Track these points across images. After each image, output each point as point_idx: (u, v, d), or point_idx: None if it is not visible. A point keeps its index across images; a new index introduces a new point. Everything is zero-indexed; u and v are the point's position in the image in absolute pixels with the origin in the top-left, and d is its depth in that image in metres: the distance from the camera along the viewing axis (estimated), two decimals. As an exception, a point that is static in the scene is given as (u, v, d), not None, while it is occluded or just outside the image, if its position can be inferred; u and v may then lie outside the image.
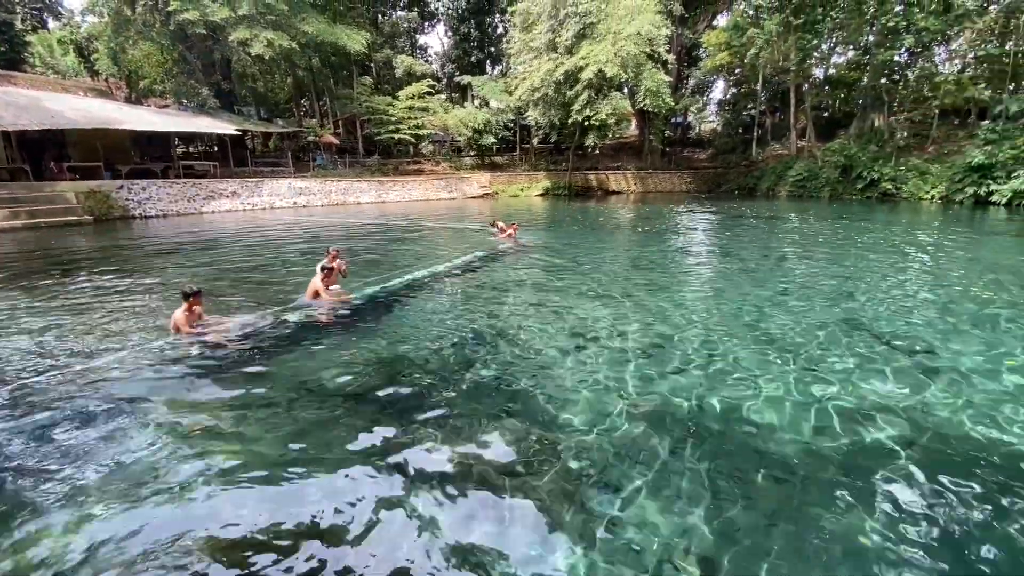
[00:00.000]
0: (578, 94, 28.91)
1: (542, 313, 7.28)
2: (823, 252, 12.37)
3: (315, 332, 6.48)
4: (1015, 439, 3.87)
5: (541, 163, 40.77)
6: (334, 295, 7.76)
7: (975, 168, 23.09)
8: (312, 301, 7.43)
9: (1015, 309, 7.14)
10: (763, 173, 33.68)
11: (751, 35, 30.15)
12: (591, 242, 14.32)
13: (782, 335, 6.18)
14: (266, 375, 5.13)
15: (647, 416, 4.27)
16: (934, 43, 28.64)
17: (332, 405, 4.49)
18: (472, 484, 3.40)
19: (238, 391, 4.76)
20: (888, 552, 2.80)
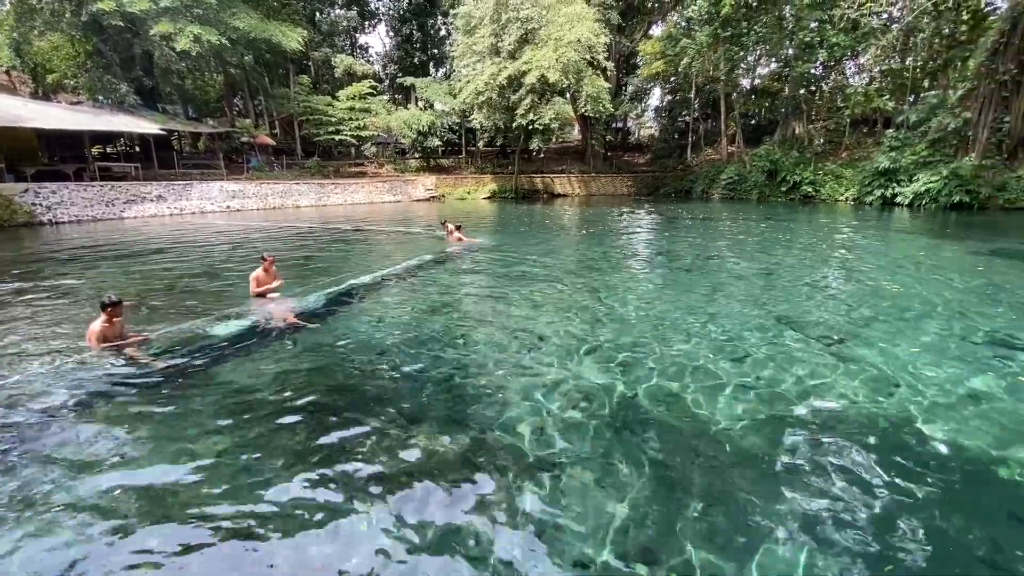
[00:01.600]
0: (522, 98, 29.24)
1: (488, 314, 7.33)
2: (751, 251, 13.17)
3: (250, 341, 6.19)
4: (922, 417, 4.29)
5: (487, 166, 40.89)
6: (274, 299, 7.45)
7: (882, 172, 25.36)
8: (249, 307, 7.09)
9: (920, 300, 7.91)
10: (697, 177, 35.40)
11: (684, 45, 31.68)
12: (538, 244, 14.53)
13: (714, 328, 6.54)
14: (195, 388, 4.85)
15: (591, 411, 4.39)
16: (845, 58, 31.25)
17: (270, 416, 4.31)
18: (418, 487, 3.38)
19: (164, 407, 4.48)
20: (810, 527, 3.04)
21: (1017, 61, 22.38)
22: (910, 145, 25.46)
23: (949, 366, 5.31)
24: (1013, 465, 3.61)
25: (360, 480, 3.46)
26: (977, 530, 3.01)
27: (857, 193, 26.66)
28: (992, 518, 3.14)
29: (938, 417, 4.27)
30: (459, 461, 3.68)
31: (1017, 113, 22.95)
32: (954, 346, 5.89)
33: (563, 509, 3.18)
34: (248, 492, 3.33)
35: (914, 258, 11.70)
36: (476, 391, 4.81)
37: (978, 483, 3.48)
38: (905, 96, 30.20)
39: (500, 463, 3.66)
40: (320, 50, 42.30)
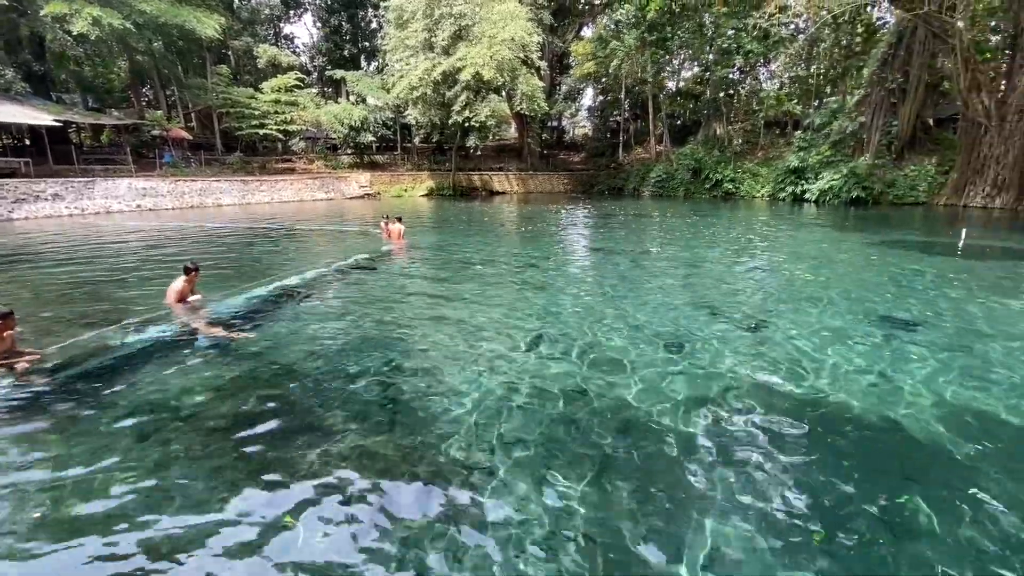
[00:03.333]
0: (457, 95, 29.05)
1: (428, 314, 7.24)
2: (680, 245, 13.88)
3: (166, 351, 5.75)
4: (830, 391, 4.72)
5: (424, 163, 40.28)
6: (195, 305, 6.96)
7: (792, 171, 27.54)
8: (164, 315, 6.58)
9: (824, 287, 8.67)
10: (629, 175, 36.78)
11: (613, 47, 32.75)
12: (478, 241, 14.52)
13: (649, 319, 6.84)
14: (101, 406, 4.45)
15: (532, 406, 4.47)
16: (758, 64, 33.62)
17: (189, 432, 4.04)
18: (354, 495, 3.30)
19: (65, 429, 4.07)
20: (739, 501, 3.27)
21: (903, 71, 25.04)
22: (815, 146, 27.83)
23: (850, 344, 5.88)
24: (906, 431, 4.06)
25: (292, 492, 3.32)
26: (878, 491, 3.36)
27: (772, 190, 28.77)
28: (890, 478, 3.51)
29: (842, 390, 4.72)
30: (398, 465, 3.63)
31: (904, 117, 25.70)
32: (854, 326, 6.52)
33: (505, 505, 3.22)
34: (169, 516, 3.10)
35: (820, 249, 12.81)
36: (415, 392, 4.75)
37: (878, 448, 3.88)
38: (811, 101, 32.94)
39: (440, 463, 3.64)
40: (241, 39, 39.84)
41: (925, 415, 4.30)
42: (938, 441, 3.94)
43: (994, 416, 4.29)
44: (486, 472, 3.53)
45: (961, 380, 4.94)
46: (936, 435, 4.01)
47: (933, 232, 16.19)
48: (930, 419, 4.24)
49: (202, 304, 7.21)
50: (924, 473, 3.61)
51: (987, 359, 5.48)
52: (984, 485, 3.41)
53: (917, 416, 4.28)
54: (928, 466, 3.69)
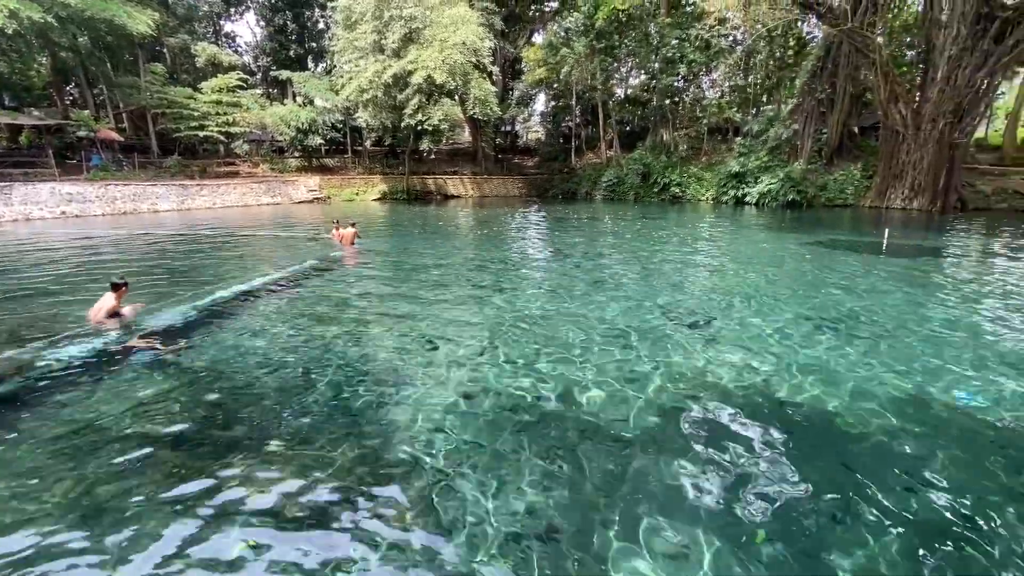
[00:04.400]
0: (409, 98, 28.74)
1: (381, 320, 7.13)
2: (631, 247, 14.30)
3: (98, 369, 5.38)
4: (774, 384, 4.99)
5: (376, 166, 39.55)
6: (127, 320, 6.55)
7: (734, 175, 28.95)
8: (92, 329, 6.16)
9: (765, 285, 9.17)
10: (581, 179, 37.54)
11: (563, 54, 33.40)
12: (433, 245, 14.40)
13: (603, 321, 7.01)
14: (28, 427, 4.12)
15: (489, 412, 4.49)
16: (701, 73, 35.16)
17: (126, 452, 3.80)
18: (312, 514, 3.21)
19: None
20: (706, 502, 3.41)
21: (831, 82, 26.88)
22: (754, 152, 29.39)
23: (789, 338, 6.25)
24: (844, 420, 4.36)
25: (241, 512, 3.19)
26: (821, 477, 3.59)
27: (715, 193, 30.13)
28: (830, 466, 3.76)
29: (783, 382, 5.01)
30: (352, 474, 3.56)
31: (832, 126, 27.58)
32: (792, 322, 6.93)
33: (462, 509, 3.22)
34: (105, 545, 2.91)
35: (761, 249, 13.53)
36: (367, 400, 4.66)
37: (819, 437, 4.15)
38: (749, 109, 34.76)
39: (395, 471, 3.60)
40: (177, 36, 37.88)
41: (858, 403, 4.63)
42: (871, 427, 4.25)
43: (919, 400, 4.68)
44: (443, 477, 3.52)
45: (889, 368, 5.36)
46: (869, 422, 4.33)
47: (860, 232, 17.43)
48: (862, 406, 4.57)
49: (136, 318, 6.80)
50: (858, 458, 3.88)
51: (911, 347, 5.97)
52: (913, 466, 3.72)
53: (850, 404, 4.61)
54: (863, 452, 3.97)
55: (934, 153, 22.78)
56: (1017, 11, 20.40)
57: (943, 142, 22.56)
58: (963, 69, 21.46)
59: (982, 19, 20.94)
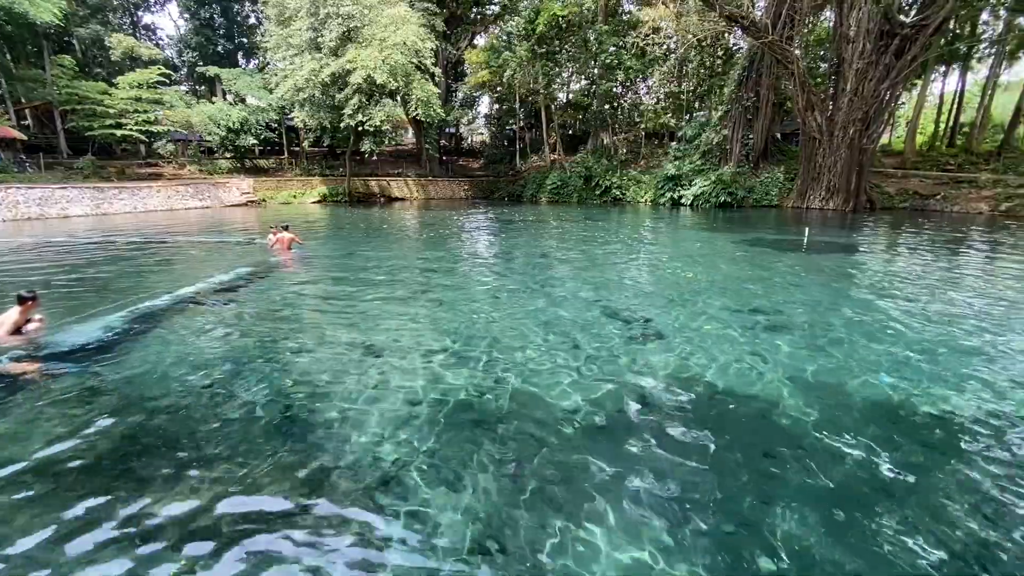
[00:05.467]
0: (348, 98, 27.93)
1: (323, 328, 6.87)
2: (575, 248, 14.60)
3: (8, 388, 4.86)
4: (710, 377, 5.23)
5: (315, 168, 38.12)
6: (35, 337, 5.95)
7: (670, 178, 30.22)
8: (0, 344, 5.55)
9: (701, 282, 9.62)
10: (527, 182, 37.91)
11: (506, 58, 33.63)
12: (377, 249, 14.05)
13: (549, 321, 7.10)
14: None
15: (439, 417, 4.42)
16: (638, 79, 36.44)
17: (40, 484, 3.45)
18: (252, 530, 3.03)
19: None
20: (644, 493, 3.50)
21: (755, 91, 28.64)
22: (688, 156, 30.83)
23: (722, 332, 6.59)
24: (770, 407, 4.64)
25: (170, 538, 2.97)
26: (743, 464, 3.79)
27: (653, 196, 31.33)
28: (753, 454, 3.98)
29: (720, 375, 5.27)
30: (295, 491, 3.40)
31: (757, 132, 29.39)
32: (724, 316, 7.31)
33: (416, 523, 3.15)
34: None
35: (695, 248, 14.20)
36: (310, 413, 4.48)
37: (745, 427, 4.39)
38: (683, 115, 36.38)
39: (346, 488, 3.47)
40: (88, 26, 34.93)
41: (785, 392, 4.95)
42: (798, 414, 4.55)
43: (839, 386, 5.05)
44: (389, 485, 3.44)
45: (811, 357, 5.76)
46: (795, 409, 4.63)
47: (784, 231, 18.67)
48: (789, 395, 4.88)
49: (44, 334, 6.19)
50: (788, 442, 4.14)
51: (831, 337, 6.45)
52: (835, 449, 4.01)
53: (778, 393, 4.91)
54: (791, 436, 4.24)
55: (846, 158, 24.80)
56: (914, 29, 22.60)
57: (854, 148, 24.61)
58: (869, 81, 23.51)
59: (884, 36, 23.05)
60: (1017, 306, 7.99)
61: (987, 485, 3.53)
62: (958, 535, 3.05)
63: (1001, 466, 3.76)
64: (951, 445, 4.09)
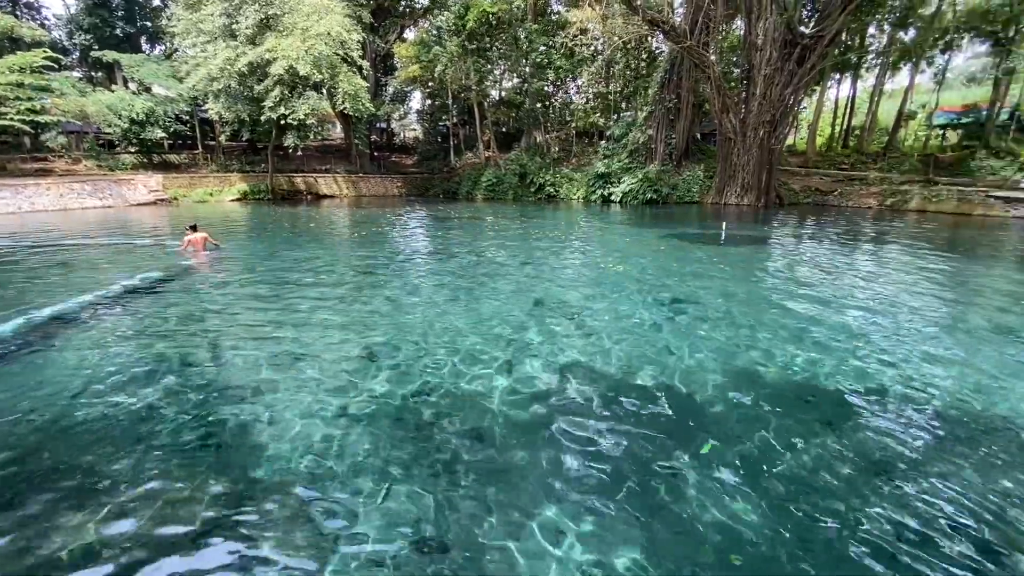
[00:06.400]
0: (269, 89, 26.40)
1: (243, 336, 6.48)
2: (511, 245, 14.72)
3: None
4: (635, 366, 5.46)
5: (234, 163, 35.73)
6: None
7: (600, 176, 31.19)
8: None
9: (627, 276, 10.01)
10: (462, 179, 37.69)
11: (436, 53, 33.17)
12: (305, 249, 13.41)
13: (485, 318, 7.12)
14: None
15: (370, 421, 4.31)
16: (568, 79, 37.25)
17: None
18: (177, 552, 2.81)
19: None
20: (577, 490, 3.59)
21: (676, 93, 30.16)
22: (617, 154, 31.96)
23: (651, 323, 6.91)
24: (697, 397, 4.92)
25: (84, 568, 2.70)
26: (677, 443, 4.01)
27: (585, 193, 32.21)
28: (682, 435, 4.22)
29: (647, 365, 5.53)
30: (220, 511, 3.19)
31: (679, 132, 30.99)
32: (651, 307, 7.67)
33: (348, 529, 3.06)
34: None
35: (624, 243, 14.77)
36: (230, 428, 4.22)
37: (672, 407, 4.64)
38: (611, 114, 37.63)
39: (272, 502, 3.31)
40: (-49, -1, 30.55)
41: (704, 375, 5.27)
42: (715, 399, 4.86)
43: (751, 368, 5.46)
44: (321, 496, 3.32)
45: (728, 345, 6.18)
46: (713, 394, 4.94)
47: (704, 226, 19.85)
48: (705, 381, 5.21)
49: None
50: (706, 427, 4.42)
51: (745, 325, 6.94)
52: (748, 433, 4.32)
53: (696, 380, 5.23)
54: (708, 421, 4.53)
55: (758, 157, 26.74)
56: (812, 40, 24.72)
57: (764, 148, 26.57)
58: (775, 86, 25.46)
59: (787, 45, 25.03)
60: (900, 289, 9.01)
61: (875, 452, 3.97)
62: (851, 496, 3.40)
63: (887, 435, 4.23)
64: (848, 417, 4.54)
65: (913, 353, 5.94)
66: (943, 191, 25.50)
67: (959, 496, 3.39)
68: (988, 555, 2.90)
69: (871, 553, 2.90)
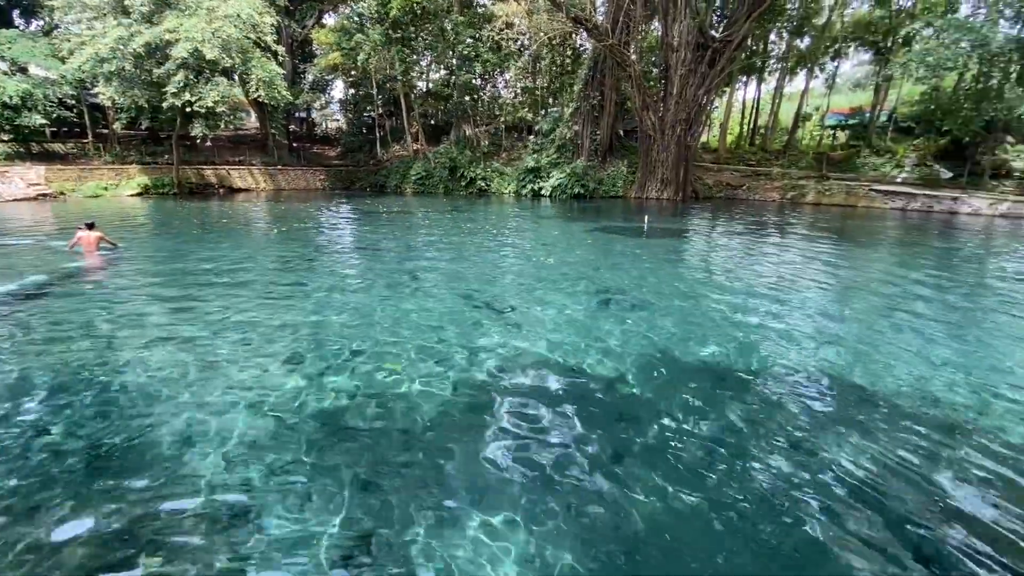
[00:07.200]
0: (171, 73, 24.19)
1: (146, 344, 5.95)
2: (444, 239, 14.57)
3: None
4: (568, 356, 5.61)
5: (132, 154, 32.47)
6: None
7: (530, 170, 31.60)
8: None
9: (559, 268, 10.26)
10: (390, 172, 36.71)
11: (358, 40, 31.94)
12: (216, 248, 12.48)
13: (418, 314, 7.01)
14: None
15: (290, 431, 4.13)
16: (496, 72, 37.28)
17: None
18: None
19: None
20: (515, 475, 3.64)
21: (600, 90, 31.11)
22: (545, 149, 32.50)
23: (580, 314, 7.14)
24: (624, 383, 5.15)
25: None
26: (602, 431, 4.18)
27: (516, 187, 32.51)
28: (612, 422, 4.41)
29: (577, 354, 5.70)
30: (130, 537, 2.93)
31: (603, 128, 32.03)
32: (581, 299, 7.92)
33: (271, 546, 2.92)
34: None
35: (554, 237, 15.10)
36: (136, 447, 3.88)
37: (602, 397, 4.82)
38: (539, 109, 38.18)
39: (188, 523, 3.08)
40: None
41: (629, 365, 5.54)
42: (642, 385, 5.12)
43: (672, 353, 5.79)
44: (242, 512, 3.15)
45: (652, 332, 6.51)
46: (640, 381, 5.20)
47: (628, 219, 20.74)
48: (631, 369, 5.48)
49: None
50: (633, 413, 4.64)
51: (669, 314, 7.35)
52: (674, 414, 4.60)
53: (623, 368, 5.48)
54: (637, 407, 4.76)
55: (675, 154, 28.26)
56: (722, 43, 26.41)
57: (681, 145, 28.12)
58: (690, 86, 26.99)
59: (700, 47, 26.59)
60: (799, 275, 9.93)
61: (779, 422, 4.37)
62: (773, 468, 3.74)
63: (789, 407, 4.68)
64: (763, 396, 4.96)
65: (809, 332, 6.60)
66: (834, 186, 28.35)
67: (847, 458, 3.83)
68: (868, 505, 3.31)
69: (781, 514, 3.22)
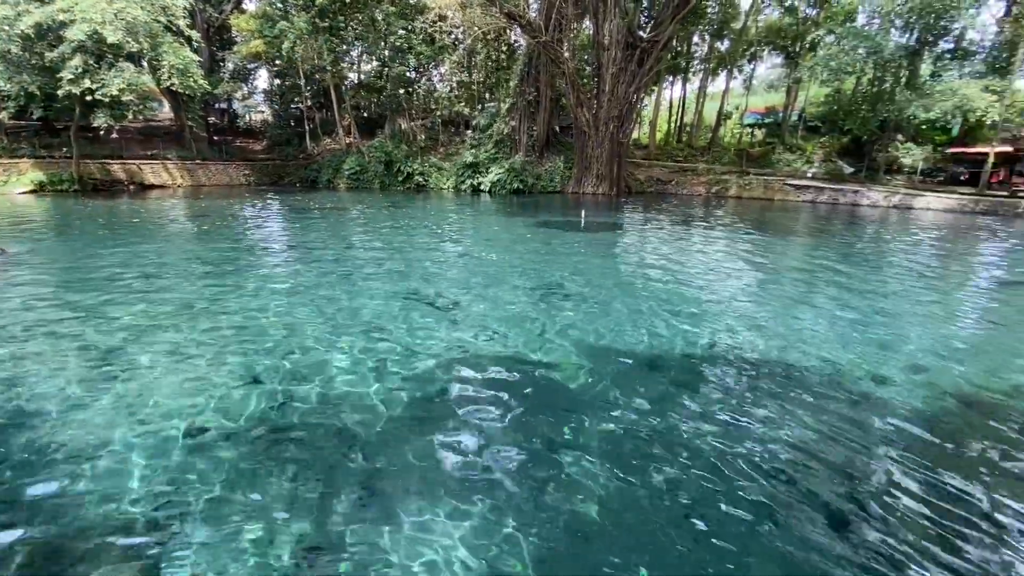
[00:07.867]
0: (66, 58, 21.86)
1: (45, 355, 5.41)
2: (381, 236, 14.22)
3: None
4: (512, 347, 5.67)
5: (23, 147, 29.02)
6: None
7: (469, 166, 31.46)
8: None
9: (500, 263, 10.32)
10: (321, 166, 35.23)
11: (282, 28, 30.31)
12: (130, 250, 11.45)
13: (357, 314, 6.82)
14: None
15: (227, 445, 3.91)
16: (431, 66, 36.66)
17: None
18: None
19: None
20: (460, 468, 3.64)
21: (535, 87, 31.44)
22: (483, 144, 32.48)
23: (523, 307, 7.23)
24: (564, 372, 5.28)
25: None
26: (545, 420, 4.28)
27: (455, 182, 32.27)
28: (555, 411, 4.51)
29: (521, 345, 5.78)
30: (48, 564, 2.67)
31: (540, 124, 32.43)
32: (523, 292, 8.03)
33: (211, 564, 2.77)
34: None
35: (494, 232, 15.17)
36: (40, 470, 3.53)
37: (545, 387, 4.93)
38: (475, 104, 38.02)
39: (114, 551, 2.85)
40: None
41: (573, 352, 5.69)
42: (583, 374, 5.28)
43: (611, 342, 6.01)
44: (171, 536, 2.96)
45: (590, 319, 6.72)
46: (580, 370, 5.36)
47: (566, 213, 21.19)
48: (576, 354, 5.64)
49: None
50: (575, 401, 4.78)
51: (609, 304, 7.60)
52: (613, 400, 4.78)
53: (568, 359, 5.63)
54: (578, 395, 4.91)
55: (609, 150, 29.16)
56: (649, 44, 27.48)
57: (613, 141, 29.05)
58: (621, 84, 27.90)
59: (629, 47, 27.52)
60: (724, 263, 10.60)
61: (722, 407, 4.68)
62: (707, 448, 3.99)
63: (731, 390, 5.01)
64: (693, 379, 5.26)
65: (736, 317, 7.08)
66: (753, 180, 30.39)
67: (775, 432, 4.18)
68: (794, 474, 3.63)
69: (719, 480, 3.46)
